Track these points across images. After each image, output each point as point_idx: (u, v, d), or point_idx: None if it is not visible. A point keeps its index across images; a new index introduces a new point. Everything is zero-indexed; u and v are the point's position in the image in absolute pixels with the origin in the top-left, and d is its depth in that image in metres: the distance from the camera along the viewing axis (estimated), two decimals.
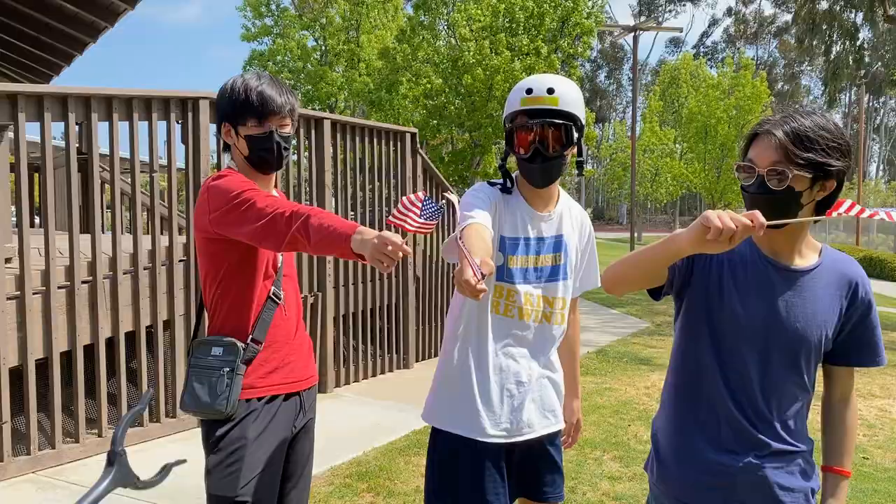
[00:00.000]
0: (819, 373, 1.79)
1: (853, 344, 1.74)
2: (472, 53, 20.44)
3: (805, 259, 1.70)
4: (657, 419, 1.89)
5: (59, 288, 4.13)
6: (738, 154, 1.69)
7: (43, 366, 4.11)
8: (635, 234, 27.25)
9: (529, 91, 2.06)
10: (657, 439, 1.86)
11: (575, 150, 2.14)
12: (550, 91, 2.04)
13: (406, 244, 1.68)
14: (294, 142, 5.53)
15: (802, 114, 1.60)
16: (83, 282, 4.24)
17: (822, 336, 1.68)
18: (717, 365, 1.70)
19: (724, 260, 1.69)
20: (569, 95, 2.07)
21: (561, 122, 2.06)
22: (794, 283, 1.67)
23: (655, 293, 1.78)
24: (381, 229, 6.45)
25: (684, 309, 1.76)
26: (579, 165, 2.22)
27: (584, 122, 2.13)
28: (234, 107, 2.07)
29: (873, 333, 1.74)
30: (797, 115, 1.59)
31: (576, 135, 2.09)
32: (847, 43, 16.49)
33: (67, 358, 4.24)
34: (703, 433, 1.72)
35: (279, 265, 2.13)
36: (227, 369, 1.99)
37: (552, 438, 2.27)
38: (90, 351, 4.32)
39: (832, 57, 16.47)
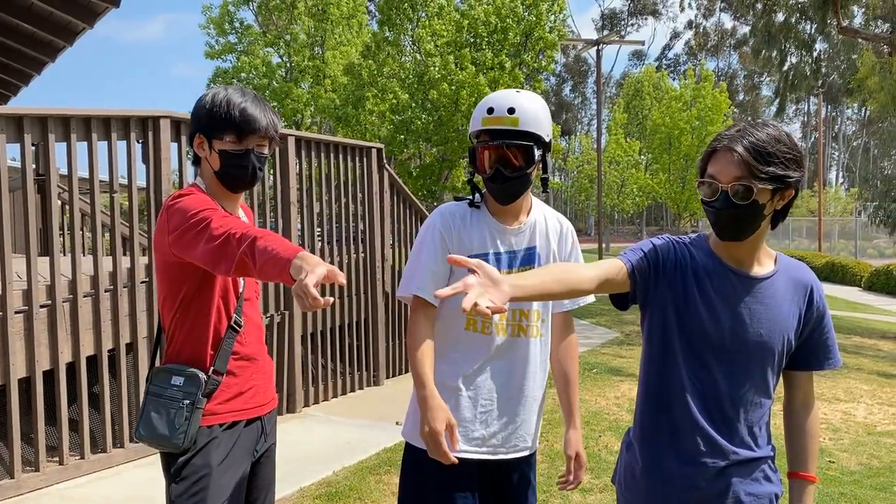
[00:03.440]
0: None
1: (811, 348, 1.77)
2: (437, 69, 20.53)
3: (763, 267, 1.74)
4: (630, 430, 1.89)
5: (17, 313, 4.02)
6: (697, 170, 1.71)
7: (0, 393, 3.99)
8: (603, 245, 27.47)
9: (491, 111, 2.05)
10: (628, 451, 1.86)
11: (540, 166, 2.13)
12: (511, 111, 2.03)
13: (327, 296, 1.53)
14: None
15: (757, 127, 1.63)
16: (41, 306, 4.14)
17: (784, 341, 1.71)
18: (685, 374, 1.71)
19: (688, 269, 1.72)
20: (530, 114, 2.05)
21: (522, 142, 2.04)
22: (754, 291, 1.71)
23: (621, 303, 1.79)
24: (347, 246, 6.26)
25: (650, 319, 1.77)
26: (544, 182, 2.21)
27: (549, 137, 2.11)
28: (213, 120, 1.97)
29: (829, 336, 1.78)
30: (753, 128, 1.62)
31: (538, 153, 2.08)
32: (803, 54, 16.86)
33: (26, 384, 4.13)
34: (671, 443, 1.74)
35: (241, 290, 2.08)
36: (188, 402, 1.93)
37: (528, 458, 2.25)
38: (50, 376, 4.21)
39: (787, 67, 16.82)
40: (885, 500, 4.12)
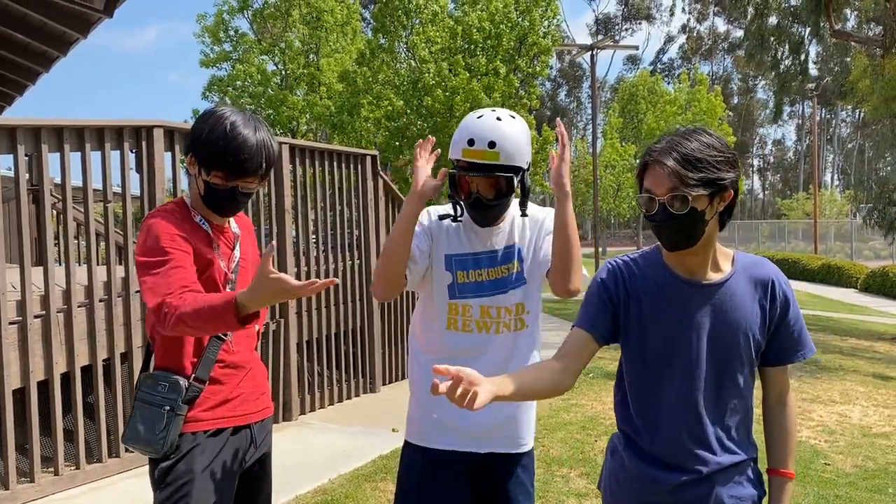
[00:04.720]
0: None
1: (780, 342, 1.77)
2: (431, 75, 20.58)
3: (720, 271, 1.74)
4: (615, 436, 1.91)
5: (11, 324, 4.02)
6: (635, 185, 1.74)
7: None
8: (600, 249, 27.49)
9: (471, 142, 2.04)
10: (612, 457, 1.88)
11: (519, 189, 2.13)
12: (492, 145, 2.02)
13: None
14: None
15: (686, 136, 1.64)
16: (36, 316, 4.14)
17: (750, 342, 1.72)
18: (656, 388, 1.74)
19: (640, 293, 1.74)
20: (511, 145, 2.04)
21: (502, 174, 2.05)
22: (712, 297, 1.71)
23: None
24: (342, 253, 6.22)
25: (622, 345, 1.82)
26: (522, 205, 2.21)
27: (528, 164, 2.13)
28: (206, 151, 1.96)
29: (797, 327, 1.77)
30: (681, 138, 1.63)
31: (517, 181, 2.09)
32: (795, 56, 16.93)
33: (21, 394, 4.12)
34: (650, 453, 1.75)
35: None
36: (168, 408, 1.94)
37: (521, 460, 2.26)
38: (45, 387, 4.20)
39: (781, 71, 16.89)
40: (881, 503, 4.13)
